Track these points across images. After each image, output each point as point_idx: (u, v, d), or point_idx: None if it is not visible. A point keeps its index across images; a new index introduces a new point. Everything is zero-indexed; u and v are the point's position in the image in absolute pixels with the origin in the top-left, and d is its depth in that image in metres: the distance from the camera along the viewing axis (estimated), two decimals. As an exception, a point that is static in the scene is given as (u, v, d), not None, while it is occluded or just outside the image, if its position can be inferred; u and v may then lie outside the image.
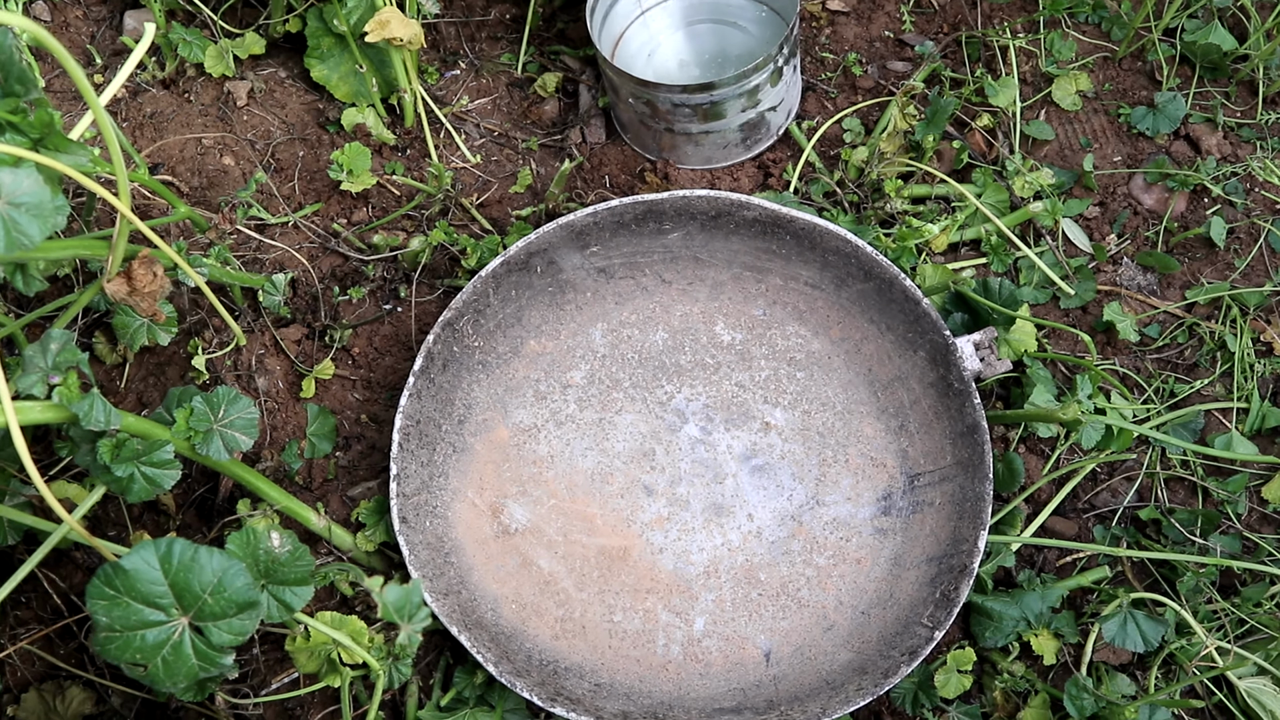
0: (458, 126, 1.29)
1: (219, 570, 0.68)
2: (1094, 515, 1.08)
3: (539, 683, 0.92)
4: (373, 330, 1.15)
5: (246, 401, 0.86)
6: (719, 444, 1.08)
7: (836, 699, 0.90)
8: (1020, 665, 1.00)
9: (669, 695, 0.96)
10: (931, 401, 1.05)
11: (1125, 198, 1.22)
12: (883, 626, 0.98)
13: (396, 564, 1.02)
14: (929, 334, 1.03)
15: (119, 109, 1.26)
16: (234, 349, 1.10)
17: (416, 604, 0.67)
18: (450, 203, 1.20)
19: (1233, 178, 1.21)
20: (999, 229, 1.15)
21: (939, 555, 0.99)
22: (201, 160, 1.23)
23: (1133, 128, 1.25)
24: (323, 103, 1.30)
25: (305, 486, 1.07)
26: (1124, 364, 1.14)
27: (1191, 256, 1.19)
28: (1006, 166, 1.21)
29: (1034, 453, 1.10)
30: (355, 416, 1.11)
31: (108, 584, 0.66)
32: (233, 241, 1.17)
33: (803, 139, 1.24)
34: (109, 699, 1.01)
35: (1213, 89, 1.28)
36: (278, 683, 0.96)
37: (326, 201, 1.22)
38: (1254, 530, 1.07)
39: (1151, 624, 0.98)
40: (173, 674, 0.69)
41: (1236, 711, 0.99)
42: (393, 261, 1.17)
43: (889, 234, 1.15)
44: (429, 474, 1.03)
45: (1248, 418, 1.10)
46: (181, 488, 1.07)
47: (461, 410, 1.07)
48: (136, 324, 0.99)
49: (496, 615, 1.00)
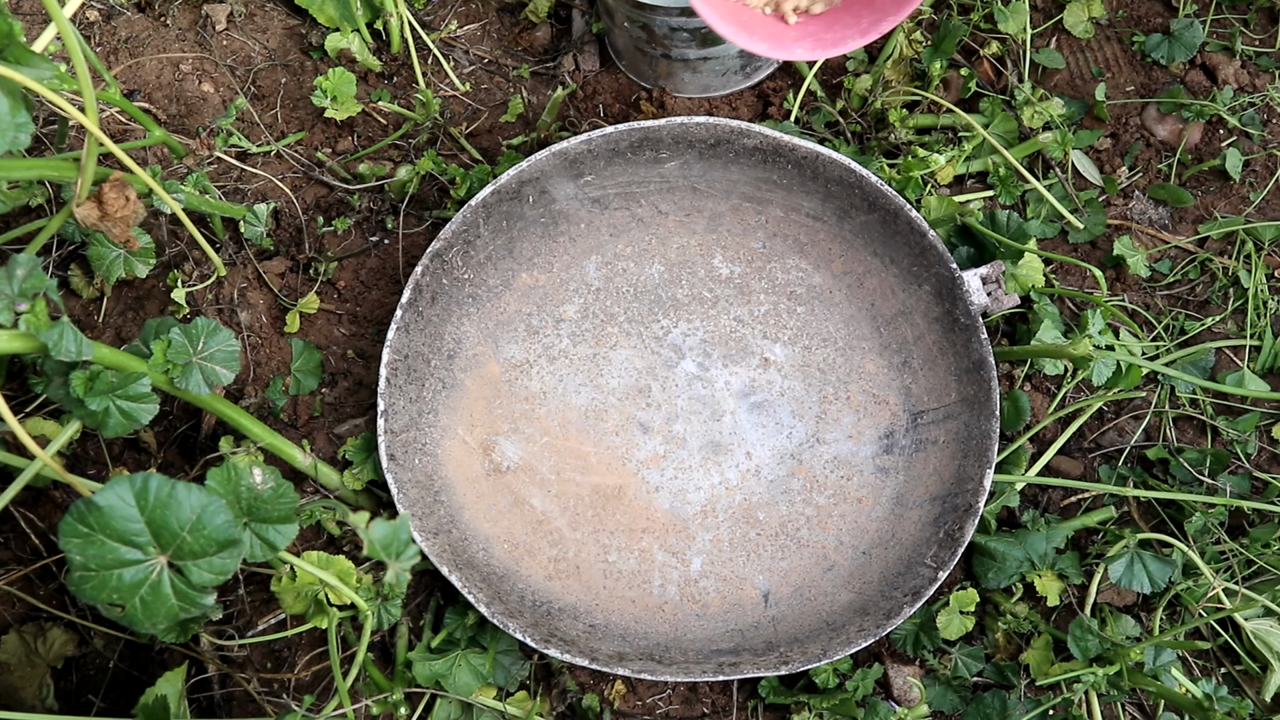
0: (446, 53, 1.24)
1: (198, 507, 0.64)
2: (1100, 455, 1.06)
3: (532, 624, 0.90)
4: (359, 263, 1.11)
5: (227, 334, 0.82)
6: (717, 380, 1.05)
7: (837, 640, 0.88)
8: (1023, 606, 0.98)
9: (665, 636, 0.94)
10: (936, 337, 1.02)
11: (1138, 129, 1.18)
12: (884, 567, 0.95)
13: (385, 503, 0.99)
14: (934, 267, 1.00)
15: (91, 33, 1.20)
16: (215, 282, 1.06)
17: (405, 540, 0.64)
18: (439, 132, 1.16)
19: (1250, 108, 1.17)
20: (1007, 160, 1.11)
21: (943, 494, 0.96)
22: (179, 86, 1.18)
23: (1147, 56, 1.21)
24: (305, 27, 1.25)
25: (290, 424, 1.04)
26: (1133, 300, 1.11)
27: (1205, 190, 1.16)
28: (1015, 96, 1.17)
29: (1039, 390, 1.07)
30: (341, 352, 1.07)
31: (81, 521, 0.63)
32: (213, 170, 1.13)
33: (804, 66, 1.19)
34: (91, 641, 0.98)
35: (1231, 16, 1.23)
36: (264, 624, 0.94)
37: (310, 130, 1.18)
38: (1263, 470, 1.04)
39: (1158, 565, 0.96)
40: (152, 614, 0.66)
41: (1242, 653, 0.97)
42: (379, 192, 1.13)
43: (893, 165, 1.11)
44: (418, 410, 0.99)
45: (1260, 355, 1.07)
46: (163, 425, 1.04)
47: (451, 345, 1.03)
48: (112, 255, 0.96)
49: (488, 555, 0.97)
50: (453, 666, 0.92)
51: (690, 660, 0.90)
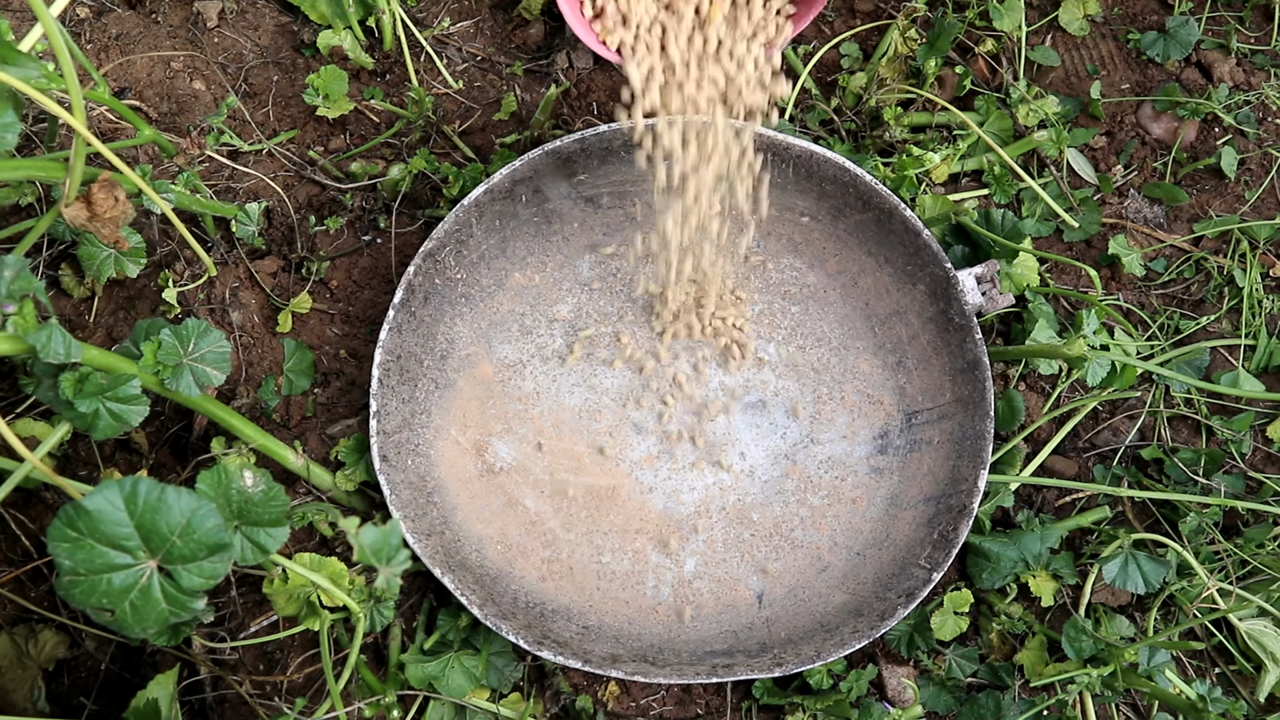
0: (439, 50, 1.23)
1: (188, 511, 0.64)
2: (1095, 454, 1.05)
3: (525, 625, 0.89)
4: (351, 262, 1.10)
5: (218, 334, 0.81)
6: (711, 380, 1.05)
7: (831, 641, 0.88)
8: (1018, 607, 0.98)
9: (659, 638, 0.94)
10: (931, 337, 1.02)
11: (1133, 127, 1.18)
12: (879, 567, 0.95)
13: (377, 504, 0.99)
14: (929, 267, 0.99)
15: (82, 30, 1.20)
16: (206, 282, 1.05)
17: (395, 546, 0.63)
18: (431, 130, 1.15)
19: (1245, 106, 1.16)
20: (1002, 159, 1.11)
21: (937, 495, 0.96)
22: (170, 84, 1.17)
23: (1142, 54, 1.21)
24: (297, 24, 1.24)
25: (283, 424, 1.03)
26: (1128, 299, 1.10)
27: (1200, 188, 1.15)
28: (1010, 94, 1.16)
29: (1034, 390, 1.07)
30: (334, 352, 1.07)
31: (70, 525, 0.62)
32: (204, 169, 1.12)
33: (798, 64, 1.19)
34: (83, 643, 0.98)
35: (1226, 13, 1.23)
36: (256, 626, 0.94)
37: (302, 128, 1.17)
38: (1258, 470, 1.04)
39: (1153, 565, 0.96)
40: (142, 619, 0.65)
41: (1236, 653, 0.97)
42: (371, 191, 1.13)
43: (888, 163, 1.11)
44: (410, 411, 0.99)
45: (1255, 354, 1.07)
46: (154, 426, 1.03)
47: (444, 345, 1.03)
48: (103, 255, 0.95)
49: (481, 556, 0.97)
50: (446, 668, 0.91)
51: (684, 662, 0.89)
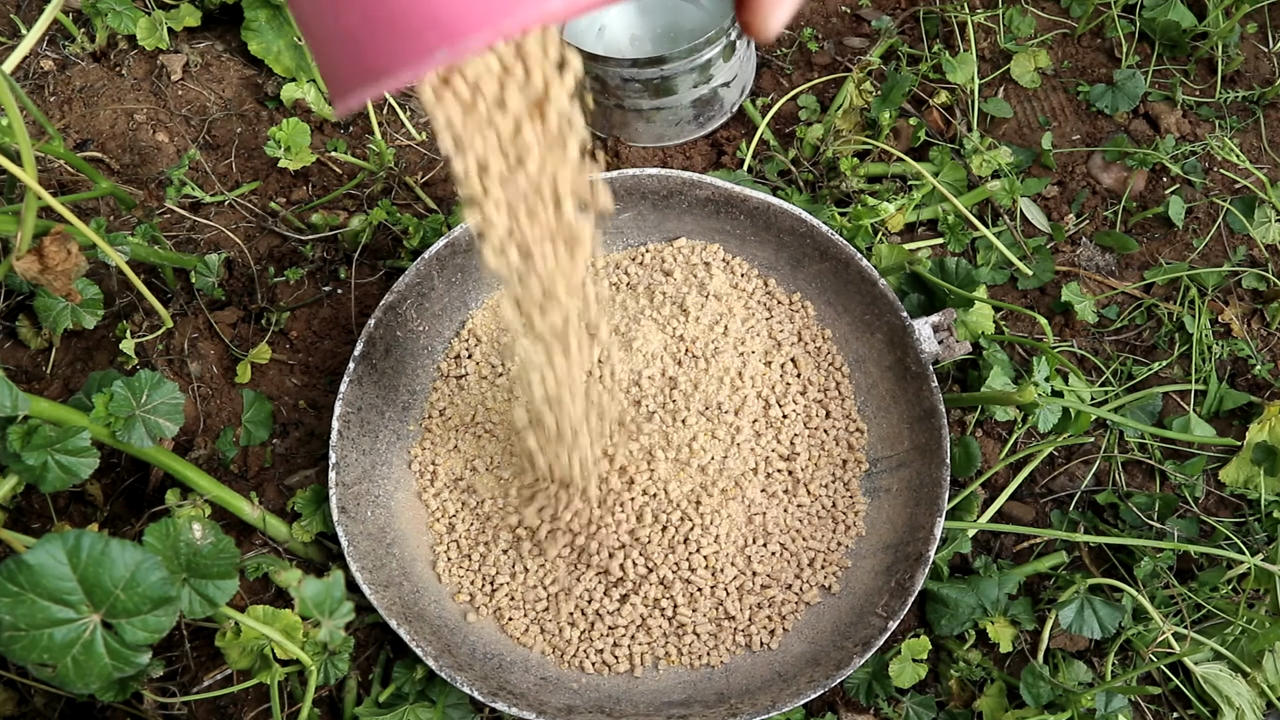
0: (403, 103, 1.24)
1: (131, 564, 0.64)
2: (1051, 499, 1.06)
3: (481, 676, 0.89)
4: (311, 313, 1.10)
5: (171, 386, 0.81)
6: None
7: (788, 691, 0.88)
8: (976, 653, 0.98)
9: (617, 689, 0.93)
10: (889, 385, 1.02)
11: (1084, 176, 1.20)
12: (836, 616, 0.95)
13: (335, 555, 0.98)
14: (886, 315, 1.01)
15: (45, 82, 1.20)
16: (165, 333, 1.05)
17: (338, 599, 0.63)
18: (394, 181, 1.16)
19: (1192, 156, 1.19)
20: (956, 208, 1.13)
21: (895, 543, 0.96)
22: (133, 136, 1.18)
23: (1092, 105, 1.23)
24: (261, 77, 1.26)
25: (241, 475, 1.03)
26: (1082, 345, 1.12)
27: (1150, 236, 1.18)
28: (964, 144, 1.19)
29: (991, 436, 1.08)
30: (293, 402, 1.07)
31: (10, 580, 0.62)
32: (165, 220, 1.12)
33: (757, 116, 1.21)
34: (31, 699, 0.96)
35: (1172, 67, 1.26)
36: (209, 680, 0.92)
37: (264, 180, 1.18)
38: (1211, 514, 1.05)
39: (1109, 610, 0.96)
40: (84, 674, 0.65)
41: (1193, 697, 0.97)
42: (332, 241, 1.13)
43: (844, 213, 1.13)
44: (370, 462, 0.99)
45: (1205, 399, 1.09)
46: (110, 478, 1.03)
47: (405, 397, 1.03)
48: (59, 306, 0.95)
49: (440, 608, 0.96)
50: (401, 721, 0.90)
51: (640, 713, 0.89)
